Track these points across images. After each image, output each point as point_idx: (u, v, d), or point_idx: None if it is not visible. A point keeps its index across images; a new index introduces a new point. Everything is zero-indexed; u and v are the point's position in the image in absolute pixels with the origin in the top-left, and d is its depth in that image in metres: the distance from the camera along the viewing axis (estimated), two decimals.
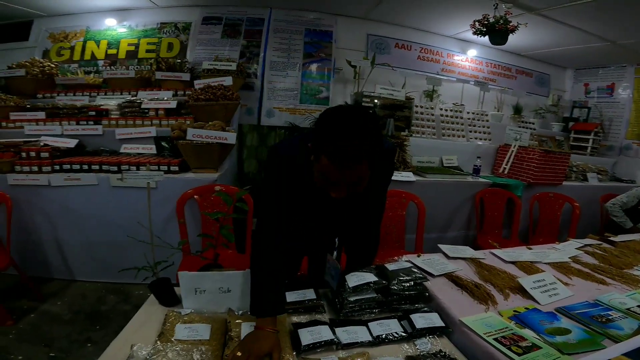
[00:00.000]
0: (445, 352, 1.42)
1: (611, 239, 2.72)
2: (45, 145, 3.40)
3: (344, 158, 1.21)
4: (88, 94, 4.39)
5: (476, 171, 4.42)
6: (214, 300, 1.60)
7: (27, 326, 2.85)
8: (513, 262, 2.15)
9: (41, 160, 3.23)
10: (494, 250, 2.30)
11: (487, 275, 1.93)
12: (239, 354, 1.27)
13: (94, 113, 3.93)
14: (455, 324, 1.55)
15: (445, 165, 4.64)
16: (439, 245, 2.26)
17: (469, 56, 6.17)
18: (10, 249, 2.97)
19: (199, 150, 3.35)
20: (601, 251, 2.45)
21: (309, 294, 1.71)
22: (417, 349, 1.46)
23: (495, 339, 1.41)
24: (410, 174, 3.99)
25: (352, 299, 1.61)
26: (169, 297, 1.65)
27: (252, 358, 1.25)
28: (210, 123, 3.54)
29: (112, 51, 5.22)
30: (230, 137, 3.41)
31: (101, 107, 4.03)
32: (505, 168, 4.59)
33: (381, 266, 1.81)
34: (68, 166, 3.25)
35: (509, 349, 1.35)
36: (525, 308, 1.66)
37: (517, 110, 5.99)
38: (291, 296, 1.68)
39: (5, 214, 2.89)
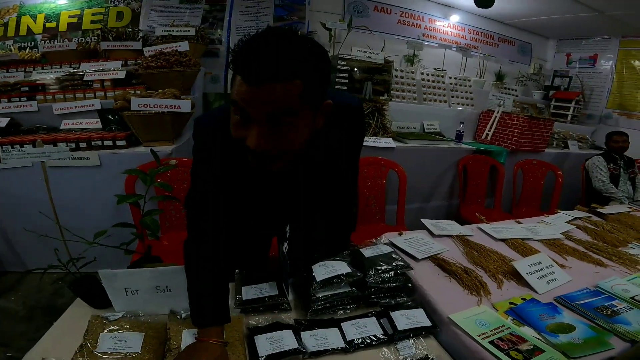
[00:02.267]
0: (432, 359, 1.17)
1: (600, 210, 2.58)
2: None
3: (257, 64, 0.86)
4: (23, 69, 3.89)
5: (459, 137, 4.21)
6: (152, 301, 1.30)
7: None
8: (503, 240, 1.91)
9: None
10: (482, 226, 2.05)
11: (477, 257, 1.68)
12: None
13: (27, 89, 3.47)
14: (444, 320, 1.30)
15: (426, 130, 4.40)
16: (422, 220, 1.99)
17: (451, 22, 5.89)
18: None
19: (147, 122, 2.93)
20: (592, 225, 2.29)
21: (270, 289, 1.42)
22: (400, 354, 1.20)
23: (491, 342, 1.17)
24: (390, 139, 3.72)
25: (320, 295, 1.33)
26: (98, 297, 1.32)
27: None
28: (160, 91, 3.11)
29: (52, 24, 4.63)
30: (184, 105, 2.95)
31: (37, 82, 3.57)
32: (488, 134, 4.40)
33: (356, 251, 1.52)
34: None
35: (507, 354, 1.13)
36: (522, 299, 1.42)
37: (500, 77, 5.83)
38: (248, 292, 1.40)
39: None
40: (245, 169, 1.14)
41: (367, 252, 1.51)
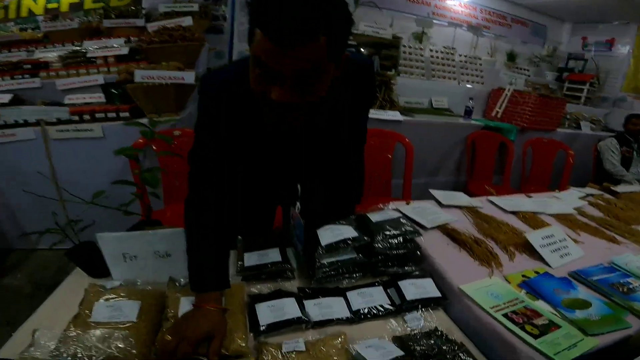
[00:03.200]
0: (441, 332, 1.10)
1: (613, 189, 2.48)
2: None
3: (285, 26, 0.80)
4: (25, 49, 3.83)
5: (468, 113, 4.10)
6: (151, 267, 1.23)
7: None
8: (514, 213, 1.83)
9: None
10: (491, 198, 1.97)
11: (487, 228, 1.60)
12: (168, 337, 0.92)
13: (30, 66, 3.41)
14: (454, 292, 1.23)
15: (434, 107, 4.28)
16: (430, 190, 1.91)
17: (462, 1, 5.73)
18: None
19: (151, 94, 2.89)
20: (604, 202, 2.21)
21: (273, 256, 1.34)
22: (407, 326, 1.13)
23: (505, 315, 1.11)
24: (397, 113, 3.61)
25: (325, 261, 1.25)
26: (97, 266, 1.25)
27: (184, 344, 0.91)
28: (163, 64, 3.10)
29: (53, 5, 4.44)
30: (188, 77, 2.94)
31: (40, 60, 3.51)
32: (498, 112, 4.28)
33: (363, 216, 1.43)
34: (2, 122, 2.81)
35: (523, 328, 1.06)
36: (535, 272, 1.35)
37: (511, 57, 5.70)
38: (250, 258, 1.32)
39: None
40: (255, 127, 1.10)
41: (375, 217, 1.42)
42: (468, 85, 4.74)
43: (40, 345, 0.94)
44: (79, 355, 0.91)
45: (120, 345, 0.94)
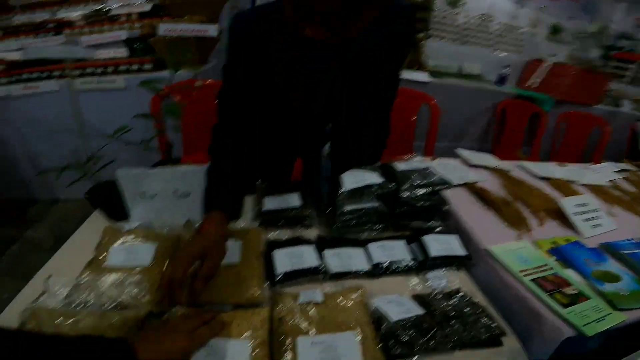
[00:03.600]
0: (464, 294, 1.04)
1: None
2: (1, 60, 2.97)
3: None
4: (50, 10, 3.70)
5: (501, 80, 3.91)
6: (169, 208, 1.19)
7: (10, 259, 2.64)
8: (545, 179, 1.73)
9: None
10: (522, 163, 1.86)
11: (517, 191, 1.51)
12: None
13: (53, 25, 3.34)
14: (480, 252, 1.16)
15: (464, 72, 4.10)
16: (457, 150, 1.83)
17: None
18: None
19: (174, 46, 2.89)
20: None
21: (293, 201, 1.30)
22: (429, 285, 1.08)
23: (534, 281, 1.04)
24: (425, 74, 3.48)
25: (347, 208, 1.19)
26: (116, 207, 1.21)
27: (172, 264, 0.88)
28: (186, 17, 3.04)
29: None
30: (211, 30, 2.87)
31: (63, 19, 3.45)
32: (535, 82, 4.06)
33: (388, 165, 1.34)
34: (27, 76, 2.87)
35: (551, 296, 0.99)
36: (566, 240, 1.27)
37: (555, 30, 5.30)
38: (269, 203, 1.28)
39: None
40: (286, 64, 1.08)
41: (401, 166, 1.33)
42: (504, 54, 4.51)
43: (53, 293, 0.92)
44: (92, 302, 0.89)
45: (134, 291, 0.92)
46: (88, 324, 0.80)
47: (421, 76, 3.41)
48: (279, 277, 1.01)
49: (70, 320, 0.81)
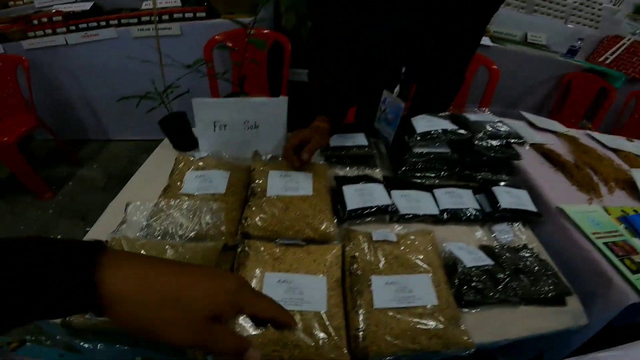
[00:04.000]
0: (532, 249, 1.00)
1: None
2: (57, 11, 2.90)
3: None
4: None
5: (572, 52, 3.67)
6: (238, 139, 1.18)
7: (65, 197, 2.68)
8: (614, 151, 1.63)
9: (54, 24, 2.80)
10: (590, 132, 1.76)
11: (586, 158, 1.43)
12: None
13: None
14: (549, 211, 1.11)
15: (529, 41, 3.86)
16: (522, 112, 1.74)
17: None
18: (42, 113, 2.78)
19: None
20: None
21: (359, 140, 1.26)
22: (495, 237, 1.04)
23: (605, 244, 1.00)
24: (487, 38, 3.29)
25: (417, 150, 1.14)
26: (184, 137, 1.24)
27: (292, 137, 1.07)
28: None
29: None
30: None
31: None
32: (608, 58, 3.80)
33: (458, 115, 1.28)
34: (84, 25, 2.83)
35: (622, 261, 0.96)
36: (635, 211, 1.20)
37: (638, 10, 4.90)
38: (335, 140, 1.25)
39: (24, 77, 2.58)
40: None
41: (472, 117, 1.27)
42: (572, 26, 4.21)
43: (132, 223, 0.92)
44: (170, 231, 0.89)
45: (211, 220, 0.91)
46: (171, 256, 0.80)
47: (483, 39, 3.20)
48: (349, 213, 0.99)
49: (154, 252, 0.80)
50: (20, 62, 2.59)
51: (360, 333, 0.73)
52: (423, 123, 1.16)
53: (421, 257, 0.88)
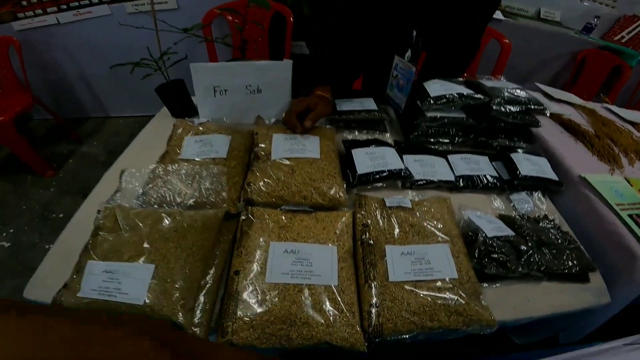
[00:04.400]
0: (553, 221, 0.93)
1: None
2: None
3: None
4: None
5: (587, 30, 3.56)
6: (240, 104, 1.11)
7: (67, 174, 2.63)
8: (632, 124, 1.54)
9: (44, 4, 2.75)
10: (608, 105, 1.66)
11: (605, 129, 1.35)
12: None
13: None
14: (571, 181, 1.04)
15: (542, 17, 3.72)
16: (537, 84, 1.64)
17: None
18: (40, 93, 2.78)
19: None
20: None
21: (368, 104, 1.18)
22: (514, 206, 0.97)
23: (630, 217, 0.92)
24: (499, 12, 3.17)
25: (431, 114, 1.06)
26: (183, 104, 1.18)
27: (297, 104, 1.04)
28: None
29: None
30: None
31: None
32: (624, 37, 3.69)
33: (473, 81, 1.20)
34: (76, 4, 2.76)
35: None
36: None
37: None
38: (342, 104, 1.16)
39: (17, 58, 2.53)
40: None
41: (488, 83, 1.19)
42: (588, 3, 4.06)
43: (127, 191, 0.85)
44: (168, 199, 0.82)
45: (211, 186, 0.84)
46: (168, 225, 0.73)
47: (495, 13, 3.07)
48: (359, 178, 0.91)
49: (150, 221, 0.74)
50: (11, 42, 2.54)
51: (374, 309, 0.67)
52: (437, 87, 1.07)
53: (439, 225, 0.81)
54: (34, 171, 2.53)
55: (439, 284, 0.70)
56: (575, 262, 0.81)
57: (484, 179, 0.99)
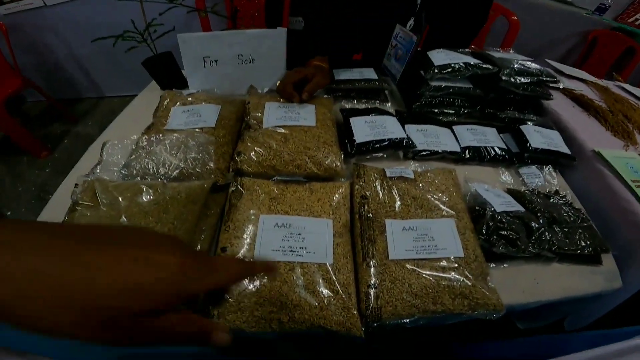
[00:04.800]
0: (564, 197, 0.86)
1: None
2: None
3: None
4: None
5: (600, 10, 3.46)
6: (232, 75, 1.04)
7: (62, 154, 2.57)
8: None
9: None
10: (621, 84, 1.58)
11: (619, 106, 1.27)
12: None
13: None
14: (583, 156, 0.97)
15: None
16: (546, 59, 1.56)
17: None
18: (32, 75, 2.73)
19: None
20: None
21: (368, 74, 1.10)
22: (523, 180, 0.90)
23: None
24: None
25: (435, 84, 0.97)
26: (172, 76, 1.10)
27: (293, 73, 0.96)
28: None
29: None
30: None
31: None
32: (639, 19, 3.59)
33: (481, 52, 1.11)
34: None
35: None
36: None
37: None
38: (340, 74, 1.09)
39: (4, 41, 2.48)
40: None
41: (497, 54, 1.11)
42: None
43: (108, 164, 0.79)
44: (151, 170, 0.75)
45: (198, 156, 0.77)
46: (149, 198, 0.67)
47: None
48: (357, 147, 0.84)
49: (129, 194, 0.67)
50: None
51: (372, 290, 0.60)
52: (441, 56, 0.99)
53: (443, 198, 0.74)
54: (29, 153, 2.49)
55: (443, 263, 0.63)
56: (588, 242, 0.74)
57: (492, 151, 0.92)
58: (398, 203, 0.71)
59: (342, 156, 0.80)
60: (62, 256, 0.27)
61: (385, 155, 0.86)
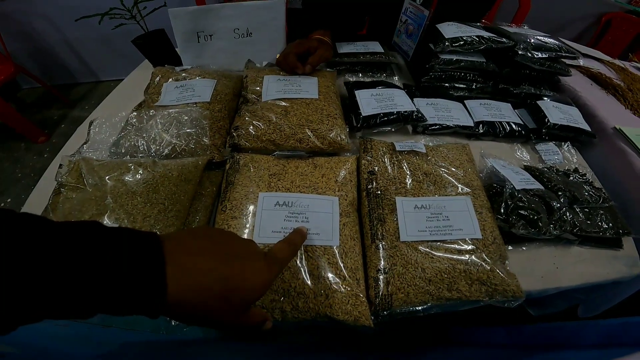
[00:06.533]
0: (584, 175, 0.79)
1: None
2: None
3: None
4: None
5: None
6: (228, 50, 0.97)
7: (59, 139, 2.51)
8: None
9: None
10: (637, 64, 1.49)
11: (638, 85, 1.19)
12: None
13: None
14: (604, 133, 0.89)
15: None
16: (560, 38, 1.47)
17: None
18: (25, 62, 2.76)
19: None
20: None
21: (373, 47, 1.02)
22: (540, 157, 0.83)
23: None
24: None
25: (445, 57, 0.89)
26: (165, 54, 1.03)
27: (297, 44, 0.88)
28: None
29: None
30: None
31: None
32: None
33: (494, 27, 1.04)
34: None
35: None
36: None
37: None
38: (343, 47, 1.01)
39: None
40: None
41: (511, 29, 1.03)
42: None
43: (96, 142, 0.73)
44: (142, 148, 0.69)
45: (191, 131, 0.70)
46: (138, 177, 0.61)
47: None
48: (363, 120, 0.77)
49: (116, 173, 0.61)
50: None
51: (382, 276, 0.54)
52: (452, 29, 0.92)
53: (458, 174, 0.67)
54: (27, 138, 2.44)
55: (459, 245, 0.57)
56: (610, 224, 0.67)
57: (507, 126, 0.85)
58: (409, 179, 0.64)
59: (348, 129, 0.73)
60: (223, 262, 0.36)
61: (393, 130, 0.79)
